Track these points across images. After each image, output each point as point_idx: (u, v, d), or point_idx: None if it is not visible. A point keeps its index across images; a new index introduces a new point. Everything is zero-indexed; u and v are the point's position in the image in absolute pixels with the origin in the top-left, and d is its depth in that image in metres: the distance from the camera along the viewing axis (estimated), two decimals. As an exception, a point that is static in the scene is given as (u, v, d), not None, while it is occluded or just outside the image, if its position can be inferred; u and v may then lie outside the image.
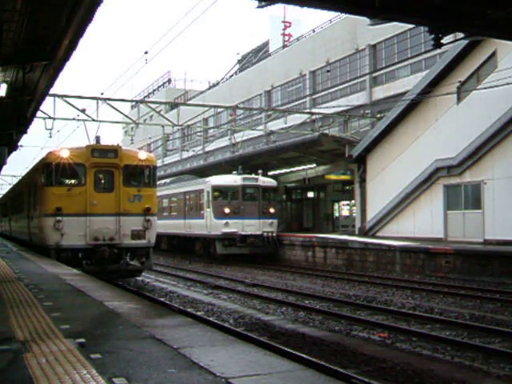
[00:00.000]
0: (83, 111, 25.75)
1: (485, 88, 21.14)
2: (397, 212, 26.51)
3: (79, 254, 16.08)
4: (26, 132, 17.85)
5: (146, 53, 22.50)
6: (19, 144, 24.15)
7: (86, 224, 16.05)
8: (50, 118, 25.10)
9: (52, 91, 18.23)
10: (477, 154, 22.58)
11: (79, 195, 16.16)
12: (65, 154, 16.25)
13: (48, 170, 16.44)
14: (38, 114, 20.32)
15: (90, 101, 26.17)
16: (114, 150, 16.91)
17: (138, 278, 18.69)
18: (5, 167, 33.09)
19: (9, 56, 11.24)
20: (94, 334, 5.61)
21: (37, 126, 31.12)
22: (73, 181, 16.63)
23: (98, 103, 25.73)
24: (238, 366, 4.54)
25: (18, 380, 4.09)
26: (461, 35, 16.81)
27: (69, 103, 25.26)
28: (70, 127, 32.70)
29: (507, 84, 19.61)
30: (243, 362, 4.69)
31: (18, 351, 4.90)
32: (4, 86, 12.67)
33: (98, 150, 16.83)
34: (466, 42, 20.90)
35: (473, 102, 22.89)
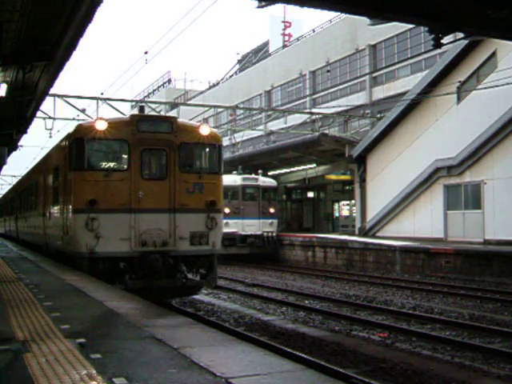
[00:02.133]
0: (83, 111, 25.76)
1: (485, 88, 21.14)
2: (397, 212, 26.51)
3: (121, 264, 11.55)
4: (25, 132, 17.87)
5: (146, 53, 22.53)
6: (19, 144, 24.16)
7: (130, 223, 11.68)
8: (50, 117, 25.12)
9: (52, 91, 18.24)
10: (477, 153, 22.58)
11: (121, 184, 11.78)
12: (101, 127, 11.67)
13: (78, 149, 11.94)
14: (38, 113, 20.33)
15: (89, 101, 26.19)
16: (168, 122, 12.48)
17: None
18: (5, 167, 33.12)
19: (9, 56, 11.24)
20: (93, 333, 5.61)
21: (37, 126, 31.08)
22: (112, 164, 12.28)
23: (98, 103, 25.74)
24: (238, 365, 4.54)
25: (18, 380, 4.09)
26: (461, 35, 16.80)
27: (69, 103, 25.27)
28: (70, 127, 32.67)
29: (507, 84, 19.61)
30: (243, 361, 4.69)
31: (18, 351, 4.89)
32: (4, 86, 12.67)
33: (146, 122, 12.25)
34: (465, 41, 20.90)
35: (473, 101, 22.88)
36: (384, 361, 8.46)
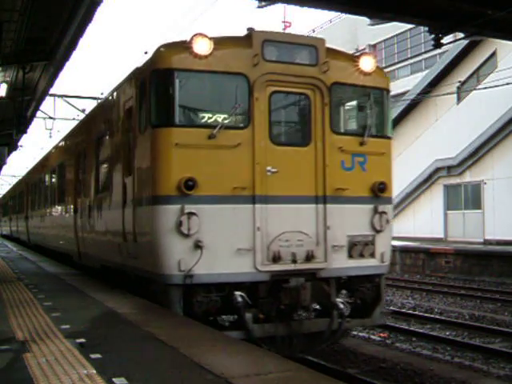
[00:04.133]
0: (83, 111, 25.76)
1: (485, 88, 21.14)
2: (397, 212, 26.51)
3: (237, 296, 6.89)
4: (25, 132, 17.86)
5: (145, 53, 22.50)
6: (19, 144, 24.20)
7: (253, 222, 7.10)
8: (50, 118, 25.12)
9: (52, 91, 18.26)
10: (477, 153, 22.59)
11: (237, 152, 7.13)
12: (204, 49, 6.96)
13: (163, 89, 7.15)
14: (38, 114, 20.38)
15: (89, 101, 26.17)
16: (311, 48, 7.64)
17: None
18: (5, 167, 33.17)
19: (9, 56, 11.25)
20: (93, 333, 5.60)
21: (37, 126, 31.11)
22: (221, 117, 7.28)
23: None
24: (238, 365, 4.54)
25: (18, 380, 4.08)
26: (461, 35, 16.82)
27: (69, 103, 25.27)
28: (70, 127, 32.70)
29: (507, 84, 19.61)
30: (243, 361, 4.69)
31: (18, 351, 4.89)
32: (4, 86, 12.69)
33: (277, 46, 7.47)
34: (466, 41, 20.92)
35: (473, 101, 22.89)
36: (384, 361, 8.46)
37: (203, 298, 6.89)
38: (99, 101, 11.05)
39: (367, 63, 7.88)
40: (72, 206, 12.50)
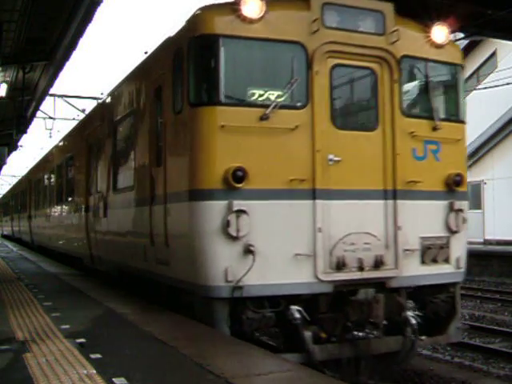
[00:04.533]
0: (83, 111, 25.77)
1: (485, 88, 21.14)
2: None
3: (293, 312, 5.80)
4: (25, 132, 17.87)
5: (145, 53, 22.50)
6: (19, 144, 24.22)
7: (313, 221, 6.03)
8: (50, 118, 25.14)
9: (52, 91, 18.27)
10: (477, 153, 22.60)
11: (292, 136, 6.07)
12: (253, 11, 5.87)
13: (204, 59, 6.07)
14: (38, 114, 20.41)
15: (89, 101, 26.17)
16: (378, 14, 6.57)
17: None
18: (5, 167, 33.19)
19: (9, 56, 11.26)
20: (93, 333, 5.60)
21: (37, 126, 31.15)
22: (274, 93, 6.15)
23: (95, 104, 25.74)
24: (239, 365, 4.54)
25: (18, 380, 4.08)
26: (461, 35, 16.81)
27: (69, 103, 25.28)
28: (70, 127, 32.70)
29: (507, 84, 19.61)
30: (243, 361, 4.69)
31: (18, 351, 4.88)
32: (4, 86, 12.70)
33: (338, 10, 6.41)
34: (465, 41, 20.92)
35: (473, 101, 22.87)
36: (384, 361, 8.45)
37: (254, 315, 5.73)
38: (117, 83, 9.34)
39: (440, 34, 6.79)
40: (83, 204, 11.24)
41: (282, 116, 5.95)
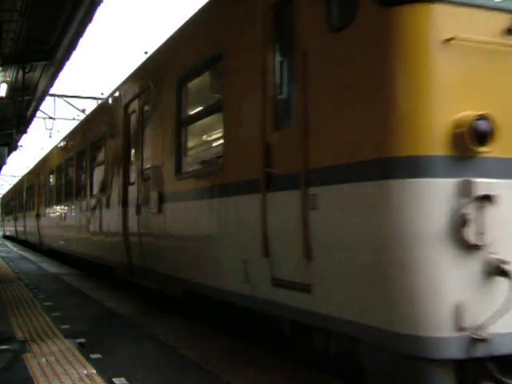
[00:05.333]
0: (83, 111, 25.78)
1: None
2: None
3: None
4: (25, 132, 17.87)
5: (145, 53, 22.51)
6: (19, 144, 24.22)
7: None
8: (50, 118, 25.13)
9: (52, 91, 18.26)
10: (477, 153, 22.56)
11: None
12: None
13: None
14: (38, 114, 20.39)
15: (89, 101, 26.17)
16: None
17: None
18: (5, 167, 33.20)
19: (9, 56, 11.26)
20: (93, 333, 5.60)
21: (37, 126, 31.15)
22: None
23: (97, 103, 25.75)
24: (239, 366, 4.53)
25: (18, 380, 4.08)
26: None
27: (69, 103, 25.28)
28: (70, 127, 32.69)
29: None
30: (243, 362, 4.68)
31: (18, 351, 4.88)
32: (4, 86, 12.71)
33: None
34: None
35: None
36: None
37: None
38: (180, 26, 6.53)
39: None
40: (118, 197, 8.51)
41: None
